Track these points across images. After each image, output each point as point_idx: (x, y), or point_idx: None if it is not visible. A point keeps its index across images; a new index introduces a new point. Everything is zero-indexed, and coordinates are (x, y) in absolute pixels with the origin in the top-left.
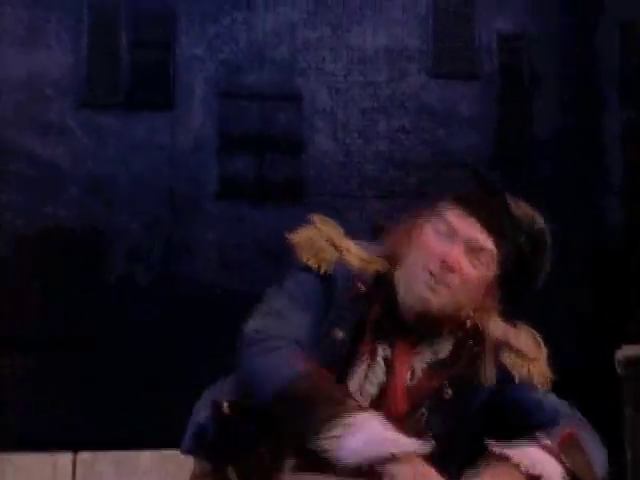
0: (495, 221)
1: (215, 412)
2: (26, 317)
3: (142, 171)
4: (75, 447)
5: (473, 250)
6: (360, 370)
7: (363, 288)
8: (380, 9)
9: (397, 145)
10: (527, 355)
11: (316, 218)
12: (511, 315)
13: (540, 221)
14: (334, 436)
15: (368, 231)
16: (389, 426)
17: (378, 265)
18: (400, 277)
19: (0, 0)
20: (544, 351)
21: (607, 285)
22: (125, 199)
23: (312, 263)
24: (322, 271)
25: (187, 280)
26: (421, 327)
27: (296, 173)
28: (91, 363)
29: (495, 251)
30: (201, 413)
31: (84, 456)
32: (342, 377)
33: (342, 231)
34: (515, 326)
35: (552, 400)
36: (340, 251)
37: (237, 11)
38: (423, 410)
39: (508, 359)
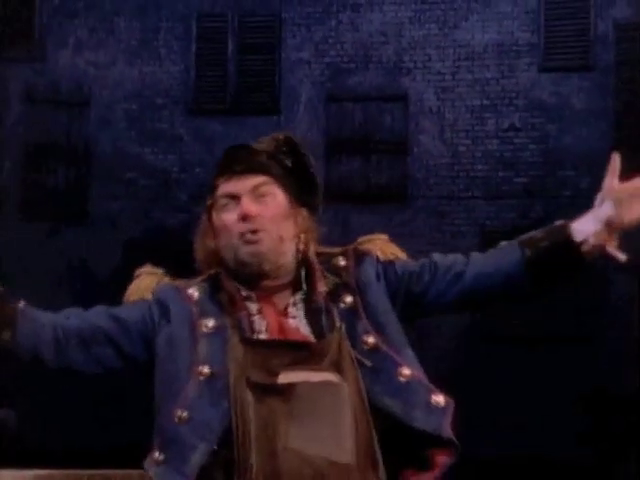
0: (250, 163)
1: None
2: None
3: None
4: None
5: (255, 193)
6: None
7: (194, 291)
8: (488, 3)
9: (507, 144)
10: (373, 240)
11: (142, 270)
12: None
13: (280, 135)
14: None
15: (475, 234)
16: None
17: (197, 281)
18: (225, 260)
19: (114, 11)
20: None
21: None
22: None
23: (135, 298)
24: (145, 298)
25: None
26: (268, 275)
27: (402, 175)
28: None
29: (269, 180)
30: None
31: None
32: (248, 347)
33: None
34: None
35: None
36: (160, 279)
37: (342, 13)
38: (340, 328)
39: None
